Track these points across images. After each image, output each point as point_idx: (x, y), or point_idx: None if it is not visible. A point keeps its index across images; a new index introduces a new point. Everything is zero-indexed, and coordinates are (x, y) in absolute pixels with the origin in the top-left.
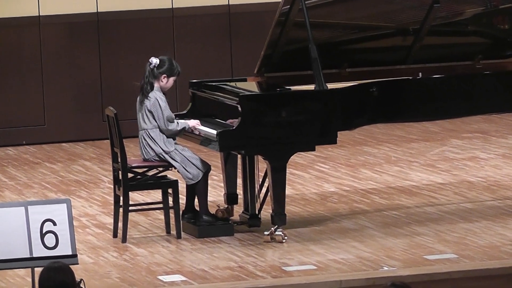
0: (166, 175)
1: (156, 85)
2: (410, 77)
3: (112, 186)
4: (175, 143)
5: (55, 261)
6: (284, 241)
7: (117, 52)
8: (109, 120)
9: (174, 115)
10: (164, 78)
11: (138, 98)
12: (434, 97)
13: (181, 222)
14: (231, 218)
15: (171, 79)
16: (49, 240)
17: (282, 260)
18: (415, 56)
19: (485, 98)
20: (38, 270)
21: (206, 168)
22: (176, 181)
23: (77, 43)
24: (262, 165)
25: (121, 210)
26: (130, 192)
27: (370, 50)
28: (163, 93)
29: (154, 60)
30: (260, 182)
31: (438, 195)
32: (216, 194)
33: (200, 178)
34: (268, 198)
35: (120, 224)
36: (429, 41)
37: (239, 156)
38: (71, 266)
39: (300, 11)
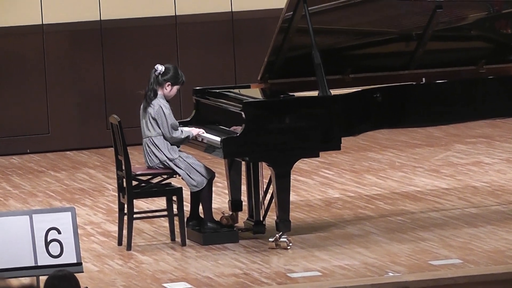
0: (170, 183)
1: (159, 92)
2: (414, 83)
3: (117, 194)
4: (179, 151)
5: (59, 269)
6: (289, 247)
7: (120, 59)
8: (113, 128)
9: (178, 122)
10: (168, 86)
11: (142, 105)
12: (438, 102)
13: (185, 229)
14: (236, 225)
15: (175, 88)
16: (54, 248)
17: (287, 266)
18: (418, 61)
19: (488, 103)
20: (43, 278)
21: (211, 175)
22: (181, 189)
23: (80, 51)
24: (266, 172)
25: (125, 218)
26: (134, 200)
27: (373, 56)
28: (167, 101)
29: (160, 67)
30: (264, 189)
31: (442, 200)
32: (220, 201)
33: (204, 185)
34: (273, 204)
35: (125, 232)
36: (432, 46)
37: (243, 162)
38: (76, 275)
39: (303, 17)
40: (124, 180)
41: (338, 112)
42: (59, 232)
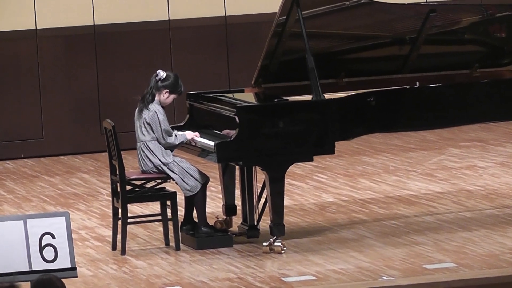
0: (164, 187)
1: (156, 97)
2: (408, 86)
3: (111, 199)
4: (173, 155)
5: (44, 274)
6: (283, 251)
7: (114, 64)
8: (107, 132)
9: (172, 126)
10: (165, 93)
11: (137, 107)
12: (432, 106)
13: (180, 233)
14: (230, 229)
15: (172, 96)
16: (48, 253)
17: (281, 271)
18: (412, 65)
19: (482, 107)
20: None
21: (204, 180)
22: (175, 193)
23: (74, 55)
24: (260, 176)
25: (119, 222)
26: (128, 205)
27: (367, 60)
28: (162, 107)
29: (161, 73)
30: (258, 193)
31: (436, 204)
32: (214, 206)
33: (198, 189)
34: (267, 209)
35: (119, 237)
36: (426, 50)
37: (237, 167)
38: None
39: (296, 21)
40: (118, 184)
41: (332, 116)
42: (53, 237)
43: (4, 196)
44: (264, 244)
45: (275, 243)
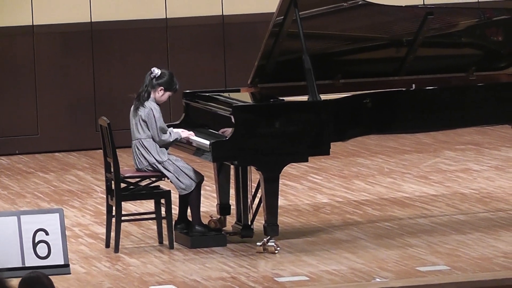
0: (159, 185)
1: (152, 95)
2: (404, 89)
3: (105, 196)
4: (168, 153)
5: (32, 271)
6: (276, 252)
7: (110, 61)
8: (102, 130)
9: (168, 125)
10: (160, 90)
11: (133, 105)
12: (427, 108)
13: (173, 232)
14: (224, 228)
15: (167, 94)
16: (42, 249)
17: (274, 271)
18: (409, 67)
19: (478, 110)
20: None
21: (199, 179)
22: (169, 191)
23: (70, 52)
24: (255, 176)
25: (113, 220)
26: (122, 202)
27: (364, 61)
28: (158, 105)
29: (156, 71)
30: (252, 193)
31: (430, 207)
32: (209, 205)
33: (193, 188)
34: (261, 208)
35: (113, 234)
36: (422, 52)
37: (232, 166)
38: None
39: (294, 22)
40: (113, 182)
41: (327, 117)
42: (47, 234)
43: None
44: (258, 244)
45: (269, 243)
